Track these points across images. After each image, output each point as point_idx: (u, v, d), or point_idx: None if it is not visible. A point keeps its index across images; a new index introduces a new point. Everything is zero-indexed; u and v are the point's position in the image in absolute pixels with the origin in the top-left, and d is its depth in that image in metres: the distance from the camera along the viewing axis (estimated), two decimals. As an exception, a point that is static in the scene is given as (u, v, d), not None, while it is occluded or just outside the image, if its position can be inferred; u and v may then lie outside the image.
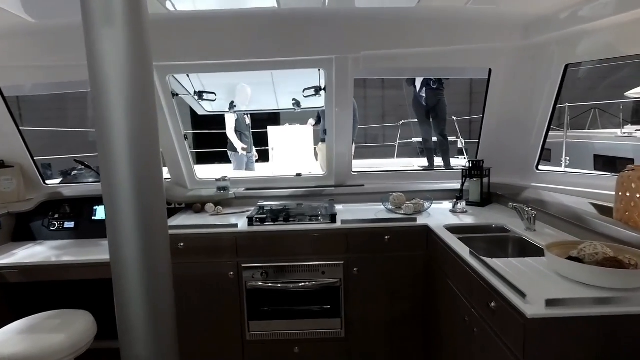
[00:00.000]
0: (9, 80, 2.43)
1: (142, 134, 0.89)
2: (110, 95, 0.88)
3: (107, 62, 0.90)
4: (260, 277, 2.19)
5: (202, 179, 2.87)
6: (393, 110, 10.12)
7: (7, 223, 2.51)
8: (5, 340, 1.78)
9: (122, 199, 0.88)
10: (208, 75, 2.95)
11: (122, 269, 0.93)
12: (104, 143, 0.88)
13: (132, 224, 0.90)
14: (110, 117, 0.86)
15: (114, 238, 0.91)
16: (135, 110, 0.90)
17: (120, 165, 0.86)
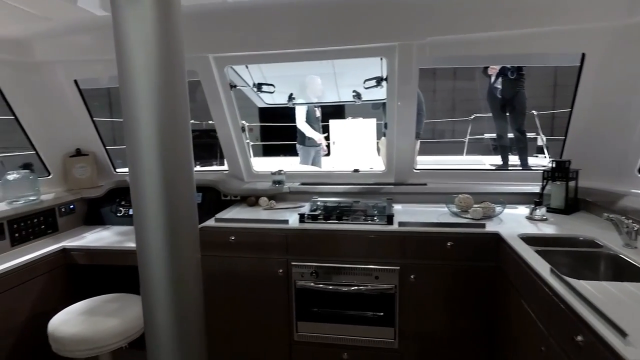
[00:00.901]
0: (86, 73, 2.57)
1: (170, 123, 0.83)
2: (137, 82, 0.82)
3: (134, 47, 0.85)
4: (310, 277, 2.10)
5: (258, 172, 2.84)
6: (464, 103, 9.49)
7: (80, 207, 2.69)
8: (68, 320, 1.87)
9: (148, 189, 0.82)
10: (269, 68, 2.90)
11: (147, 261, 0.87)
12: (131, 133, 0.82)
13: (158, 216, 0.84)
14: (137, 105, 0.81)
15: (141, 230, 0.86)
16: (164, 98, 0.83)
17: (146, 156, 0.80)
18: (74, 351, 1.80)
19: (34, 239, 2.32)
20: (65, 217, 2.56)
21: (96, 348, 1.81)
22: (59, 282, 2.23)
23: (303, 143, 4.59)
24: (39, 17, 1.96)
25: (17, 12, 1.87)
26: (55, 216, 2.49)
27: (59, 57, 2.39)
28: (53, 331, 1.83)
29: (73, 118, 2.66)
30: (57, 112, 2.59)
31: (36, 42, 2.30)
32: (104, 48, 2.36)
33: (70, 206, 2.60)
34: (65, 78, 2.51)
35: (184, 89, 0.94)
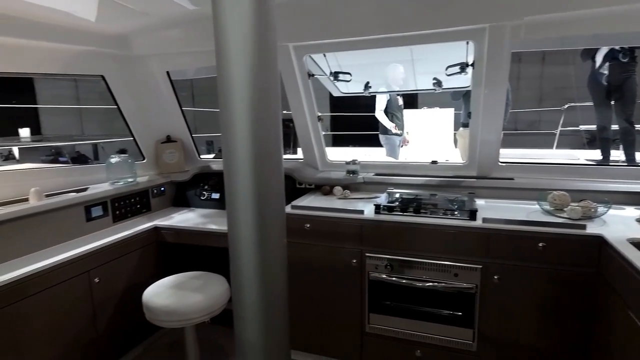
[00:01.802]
0: (177, 65, 2.76)
1: (263, 113, 0.84)
2: (233, 70, 0.85)
3: (232, 36, 0.87)
4: (385, 269, 2.05)
5: (332, 161, 2.84)
6: (554, 91, 8.61)
7: (169, 190, 2.92)
8: (159, 292, 2.04)
9: (240, 175, 0.84)
10: (344, 56, 2.87)
11: (237, 243, 0.90)
12: (226, 119, 0.85)
13: (249, 202, 0.86)
14: (233, 93, 0.83)
15: (233, 213, 0.89)
16: (258, 87, 0.85)
17: (240, 143, 0.82)
18: (164, 321, 1.96)
19: (131, 217, 2.57)
20: (156, 198, 2.79)
21: (183, 320, 1.96)
22: (151, 257, 2.44)
23: (386, 132, 4.47)
24: (139, 12, 2.12)
25: (121, 9, 2.05)
26: (149, 197, 2.72)
27: (154, 50, 2.59)
28: (147, 301, 2.01)
29: (164, 107, 2.87)
30: (151, 102, 2.82)
31: (135, 37, 2.51)
32: (192, 41, 2.50)
33: (161, 188, 2.83)
34: (158, 70, 2.71)
35: (276, 80, 0.95)
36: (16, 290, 1.71)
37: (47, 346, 1.84)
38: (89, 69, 2.48)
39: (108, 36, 2.42)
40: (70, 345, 1.95)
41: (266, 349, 0.96)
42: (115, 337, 2.21)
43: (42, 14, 1.99)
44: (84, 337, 2.02)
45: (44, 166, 4.94)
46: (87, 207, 2.27)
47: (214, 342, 2.57)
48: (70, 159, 9.31)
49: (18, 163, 8.17)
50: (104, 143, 9.88)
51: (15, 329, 1.71)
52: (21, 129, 11.01)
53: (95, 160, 9.68)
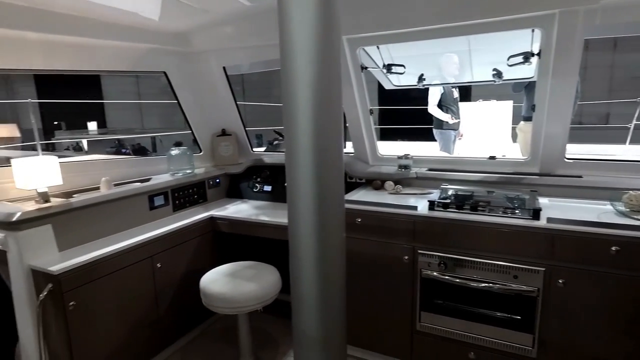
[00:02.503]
0: (232, 60, 2.84)
1: (325, 106, 0.84)
2: (297, 64, 0.85)
3: (296, 30, 0.87)
4: (437, 267, 2.00)
5: (383, 156, 2.80)
6: (626, 82, 7.88)
7: (224, 181, 3.03)
8: (215, 279, 2.13)
9: (302, 168, 0.85)
10: (396, 48, 2.80)
11: (297, 236, 0.91)
12: (289, 112, 0.86)
13: (310, 196, 0.87)
14: (296, 87, 0.84)
15: (293, 206, 0.90)
16: (321, 81, 0.85)
17: (302, 136, 0.83)
18: (219, 307, 2.05)
19: (188, 207, 2.70)
20: (212, 189, 2.91)
21: (237, 308, 2.04)
22: (207, 245, 2.56)
23: (440, 127, 4.32)
24: (199, 10, 2.21)
25: (183, 7, 2.14)
26: (205, 188, 2.84)
27: (212, 46, 2.68)
28: (204, 288, 2.10)
29: (220, 102, 2.97)
30: (208, 96, 2.93)
31: (195, 34, 2.61)
32: (248, 36, 2.56)
33: (217, 180, 2.95)
34: (215, 65, 2.81)
35: (339, 74, 0.94)
36: (91, 270, 1.86)
37: (116, 324, 1.99)
38: (152, 65, 2.62)
39: (170, 34, 2.54)
40: (136, 324, 2.10)
41: (324, 342, 0.97)
42: (174, 320, 2.34)
43: (110, 14, 2.13)
44: (147, 317, 2.16)
45: (112, 157, 5.32)
46: (150, 197, 2.41)
47: (265, 330, 2.64)
48: (131, 150, 9.96)
49: (86, 154, 8.87)
50: (162, 136, 10.44)
51: (90, 306, 1.86)
52: (89, 122, 11.92)
53: (153, 152, 10.27)
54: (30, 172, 1.88)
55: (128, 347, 2.06)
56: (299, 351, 1.01)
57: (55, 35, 2.06)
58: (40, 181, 1.92)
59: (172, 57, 2.66)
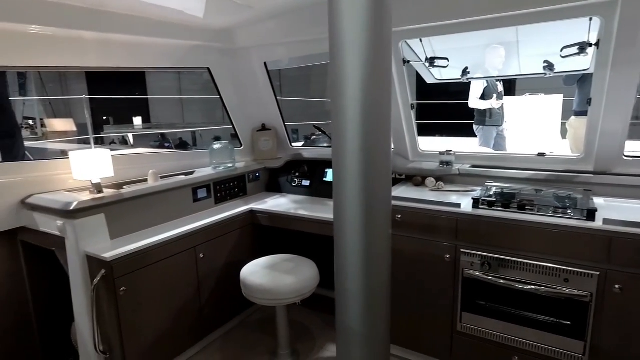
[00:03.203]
0: (272, 56, 2.87)
1: (375, 102, 0.82)
2: (347, 59, 0.84)
3: (346, 24, 0.86)
4: (481, 267, 1.94)
5: (424, 151, 2.74)
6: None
7: (263, 176, 3.07)
8: (255, 271, 2.18)
9: (349, 164, 0.84)
10: (439, 41, 2.72)
11: (343, 232, 0.91)
12: (338, 108, 0.85)
13: (356, 190, 0.86)
14: (345, 82, 0.83)
15: (339, 202, 0.90)
16: (370, 77, 0.83)
17: (350, 133, 0.82)
18: (258, 298, 2.09)
19: (230, 200, 2.76)
20: (252, 183, 2.96)
21: (276, 300, 2.07)
22: (247, 237, 2.61)
23: (483, 123, 4.16)
24: (243, 6, 2.24)
25: (227, 4, 2.18)
26: (245, 182, 2.90)
27: (254, 42, 2.72)
28: (244, 279, 2.15)
29: (261, 97, 3.01)
30: (249, 92, 2.98)
31: (238, 30, 2.66)
32: (289, 31, 2.57)
33: (256, 174, 3.00)
34: (257, 61, 2.85)
35: (390, 69, 0.92)
36: (140, 258, 1.95)
37: (162, 310, 2.08)
38: (197, 62, 2.69)
39: (214, 31, 2.60)
40: (180, 312, 2.18)
41: (368, 338, 0.96)
42: (215, 309, 2.41)
43: (158, 13, 2.20)
44: (190, 305, 2.24)
45: (158, 151, 5.54)
46: (194, 189, 2.49)
47: (302, 323, 2.67)
48: (173, 144, 10.35)
49: (132, 147, 9.30)
50: (202, 131, 10.76)
51: (139, 292, 1.96)
52: (135, 117, 12.49)
53: (193, 146, 10.62)
54: (86, 164, 2.00)
55: (172, 333, 2.15)
56: (342, 346, 1.01)
57: (108, 34, 2.16)
58: (95, 173, 2.03)
59: (215, 53, 2.72)
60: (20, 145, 2.75)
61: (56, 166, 2.19)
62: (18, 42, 1.92)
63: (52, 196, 2.03)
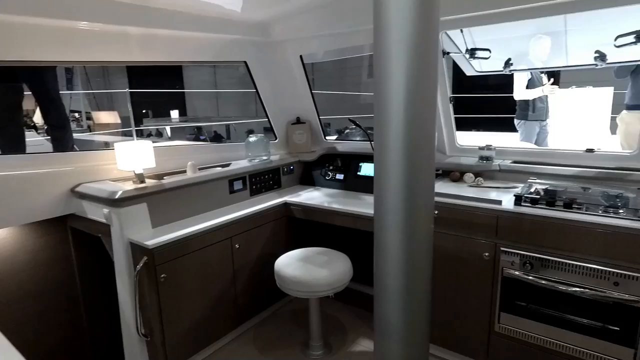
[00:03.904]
0: (308, 49, 2.86)
1: (420, 95, 0.80)
2: (392, 51, 0.81)
3: (392, 13, 0.83)
4: (522, 267, 1.86)
5: (462, 146, 2.66)
6: None
7: (297, 169, 3.09)
8: (290, 263, 2.20)
9: (391, 159, 0.83)
10: (479, 32, 2.63)
11: (384, 227, 0.89)
12: (381, 101, 0.83)
13: (398, 185, 0.84)
14: (389, 76, 0.80)
15: (380, 196, 0.88)
16: (417, 69, 0.81)
17: (392, 126, 0.80)
18: (292, 290, 2.12)
19: (264, 192, 2.80)
20: (286, 175, 2.99)
21: (309, 292, 2.09)
22: (281, 230, 2.64)
23: (525, 117, 3.97)
24: (281, 0, 2.25)
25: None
26: (280, 174, 2.93)
27: (290, 35, 2.72)
28: (278, 270, 2.18)
29: (296, 90, 3.02)
30: (285, 85, 3.00)
31: (274, 24, 2.67)
32: (325, 24, 2.56)
33: (291, 167, 3.02)
34: (292, 54, 2.86)
35: (435, 63, 0.89)
36: (180, 247, 2.02)
37: (199, 298, 2.15)
38: (234, 55, 2.73)
39: (251, 24, 2.62)
40: (216, 300, 2.25)
41: (407, 334, 0.95)
42: (249, 299, 2.46)
43: (198, 7, 2.25)
44: (226, 294, 2.30)
45: (195, 144, 5.70)
46: (230, 181, 2.54)
47: (334, 316, 2.68)
48: (208, 137, 10.60)
49: (168, 140, 9.62)
50: (236, 124, 10.96)
51: (178, 279, 2.03)
52: (172, 111, 12.88)
53: (227, 139, 10.84)
54: (130, 155, 2.08)
55: (208, 320, 2.21)
56: (380, 341, 1.00)
57: (152, 29, 2.23)
58: (138, 163, 2.11)
59: (252, 47, 2.75)
60: (69, 136, 2.91)
61: (102, 157, 2.29)
62: (68, 38, 2.01)
63: (99, 185, 2.13)
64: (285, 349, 2.37)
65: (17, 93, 2.65)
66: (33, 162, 2.11)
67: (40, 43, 1.94)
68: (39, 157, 2.17)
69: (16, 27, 1.85)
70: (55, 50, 2.01)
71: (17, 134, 2.62)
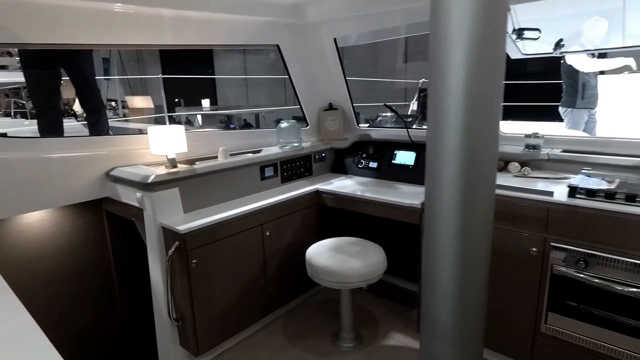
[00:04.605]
0: (342, 31, 2.75)
1: (483, 73, 0.69)
2: (451, 25, 0.71)
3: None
4: (574, 264, 1.72)
5: (506, 134, 2.49)
6: None
7: (329, 156, 3.01)
8: (321, 252, 2.14)
9: (447, 149, 0.73)
10: (525, 10, 2.44)
11: (438, 214, 0.80)
12: (437, 80, 0.73)
13: (456, 172, 0.74)
14: (448, 59, 0.70)
15: (433, 184, 0.79)
16: (481, 46, 0.70)
17: (452, 109, 0.70)
18: (323, 280, 2.06)
19: (295, 179, 2.74)
20: (318, 163, 2.91)
21: (341, 283, 2.02)
22: (313, 218, 2.58)
23: (573, 104, 3.71)
24: (316, -22, 2.14)
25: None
26: (311, 161, 2.86)
27: (324, 17, 2.61)
28: (310, 259, 2.12)
29: (329, 75, 2.93)
30: (317, 69, 2.90)
31: (308, 5, 2.57)
32: (358, 4, 2.44)
33: (322, 154, 2.94)
34: (326, 37, 2.75)
35: (503, 46, 0.78)
36: (211, 233, 1.99)
37: (230, 285, 2.13)
38: (266, 38, 2.66)
39: (285, 6, 2.53)
40: (246, 287, 2.22)
41: (459, 334, 0.86)
42: (279, 287, 2.43)
43: (232, -12, 2.18)
44: (256, 282, 2.27)
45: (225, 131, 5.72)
46: (261, 167, 2.49)
47: (366, 308, 2.61)
48: (238, 126, 10.68)
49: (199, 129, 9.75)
50: (265, 113, 10.98)
51: (209, 265, 2.01)
52: (203, 100, 13.05)
53: (256, 127, 10.88)
54: (162, 139, 2.06)
55: (239, 307, 2.19)
56: (428, 340, 0.92)
57: (185, 11, 2.19)
58: (170, 148, 2.09)
59: (285, 29, 2.67)
60: (105, 121, 2.94)
61: (136, 141, 2.29)
62: (103, 20, 2.00)
63: (132, 169, 2.13)
64: (315, 339, 2.33)
65: (55, 79, 2.69)
66: (70, 146, 2.13)
67: (76, 26, 1.94)
68: (76, 140, 2.19)
69: (53, 10, 1.85)
70: (91, 33, 2.00)
71: (56, 118, 2.67)
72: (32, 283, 2.21)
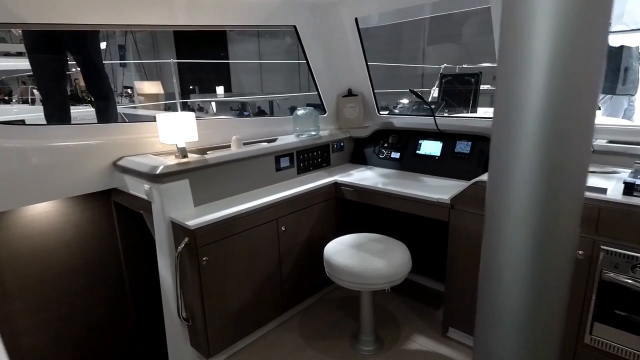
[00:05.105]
0: (364, 10, 2.54)
1: (575, 51, 0.52)
2: None
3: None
4: (628, 271, 1.53)
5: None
6: None
7: (348, 145, 2.84)
8: (340, 250, 1.98)
9: (526, 140, 0.56)
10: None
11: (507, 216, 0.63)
12: (510, 61, 0.56)
13: (536, 171, 0.58)
14: (526, 38, 0.53)
15: (498, 187, 0.62)
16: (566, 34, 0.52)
17: (532, 95, 0.53)
18: (343, 280, 1.91)
19: (312, 170, 2.58)
20: (336, 153, 2.74)
21: (362, 284, 1.87)
22: (331, 212, 2.42)
23: (613, 91, 3.44)
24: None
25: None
26: (329, 151, 2.69)
27: (345, -5, 2.42)
28: (328, 257, 1.97)
29: (349, 58, 2.74)
30: (337, 53, 2.72)
31: (328, -18, 2.38)
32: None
33: (341, 144, 2.77)
34: (347, 17, 2.55)
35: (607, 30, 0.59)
36: (223, 228, 1.86)
37: (243, 283, 2.00)
38: (283, 19, 2.48)
39: (302, -17, 2.35)
40: (261, 285, 2.09)
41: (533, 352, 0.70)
42: (295, 284, 2.29)
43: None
44: (271, 278, 2.14)
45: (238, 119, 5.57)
46: (277, 157, 2.34)
47: (386, 308, 2.46)
48: (252, 113, 10.53)
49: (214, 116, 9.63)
50: (280, 100, 10.80)
51: (221, 263, 1.88)
52: (217, 87, 12.92)
53: (270, 114, 10.72)
54: (172, 127, 1.92)
55: (253, 306, 2.07)
56: None
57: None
58: (180, 137, 1.95)
59: (303, 9, 2.48)
60: (113, 107, 2.82)
61: (145, 129, 2.16)
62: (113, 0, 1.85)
63: (140, 159, 2.00)
64: (333, 340, 2.19)
65: (62, 63, 2.57)
66: (77, 133, 2.01)
67: (85, 5, 1.80)
68: (83, 128, 2.07)
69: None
70: (101, 13, 1.86)
71: (63, 105, 2.56)
72: (41, 276, 2.13)
